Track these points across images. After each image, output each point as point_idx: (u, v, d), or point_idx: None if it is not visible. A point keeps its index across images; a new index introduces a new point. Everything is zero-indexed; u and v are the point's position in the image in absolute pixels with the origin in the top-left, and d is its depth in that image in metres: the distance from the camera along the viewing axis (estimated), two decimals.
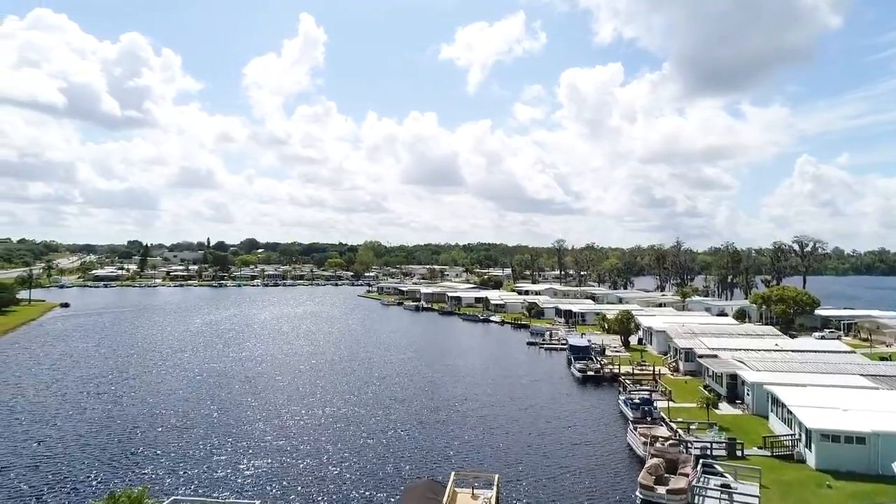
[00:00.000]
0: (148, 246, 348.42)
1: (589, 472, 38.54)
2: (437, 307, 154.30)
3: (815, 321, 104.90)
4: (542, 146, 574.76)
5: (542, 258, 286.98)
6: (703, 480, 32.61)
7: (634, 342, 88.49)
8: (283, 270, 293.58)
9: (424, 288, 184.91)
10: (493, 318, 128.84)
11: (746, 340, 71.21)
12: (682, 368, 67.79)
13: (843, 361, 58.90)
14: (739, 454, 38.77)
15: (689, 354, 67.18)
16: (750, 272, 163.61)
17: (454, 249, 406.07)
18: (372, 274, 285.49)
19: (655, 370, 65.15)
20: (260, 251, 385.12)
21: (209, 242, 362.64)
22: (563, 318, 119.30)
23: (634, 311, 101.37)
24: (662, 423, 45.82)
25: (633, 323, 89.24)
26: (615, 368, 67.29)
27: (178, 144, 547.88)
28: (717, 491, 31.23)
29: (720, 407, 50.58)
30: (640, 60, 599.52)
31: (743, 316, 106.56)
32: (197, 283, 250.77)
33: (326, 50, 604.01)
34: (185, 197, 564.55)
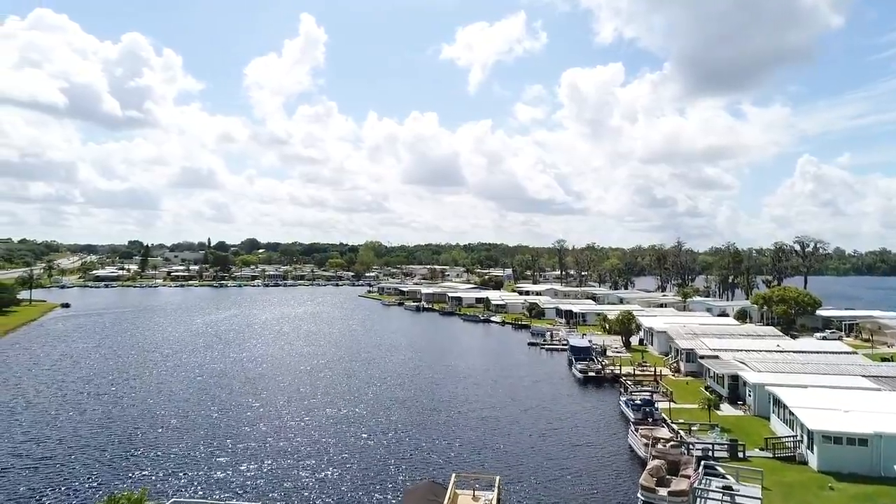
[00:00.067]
0: (149, 246, 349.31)
1: (590, 473, 38.46)
2: (437, 307, 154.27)
3: (816, 322, 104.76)
4: (542, 146, 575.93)
5: (542, 258, 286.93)
6: (704, 482, 32.46)
7: (635, 343, 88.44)
8: (283, 271, 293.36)
9: (425, 288, 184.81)
10: (493, 318, 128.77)
11: (748, 341, 71.11)
12: (683, 369, 67.68)
13: (844, 362, 58.80)
14: (741, 456, 38.72)
15: (690, 355, 67.08)
16: (751, 272, 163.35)
17: (455, 249, 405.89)
18: (373, 274, 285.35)
19: (656, 371, 64.98)
20: (261, 251, 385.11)
21: (210, 242, 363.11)
22: (563, 318, 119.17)
23: (635, 311, 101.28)
24: (664, 424, 45.69)
25: (634, 323, 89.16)
26: (616, 369, 67.21)
27: (179, 144, 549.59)
28: (718, 493, 31.07)
29: (721, 408, 50.46)
30: (640, 60, 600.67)
31: (744, 316, 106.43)
32: (198, 283, 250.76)
33: (327, 50, 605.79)
34: (185, 197, 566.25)
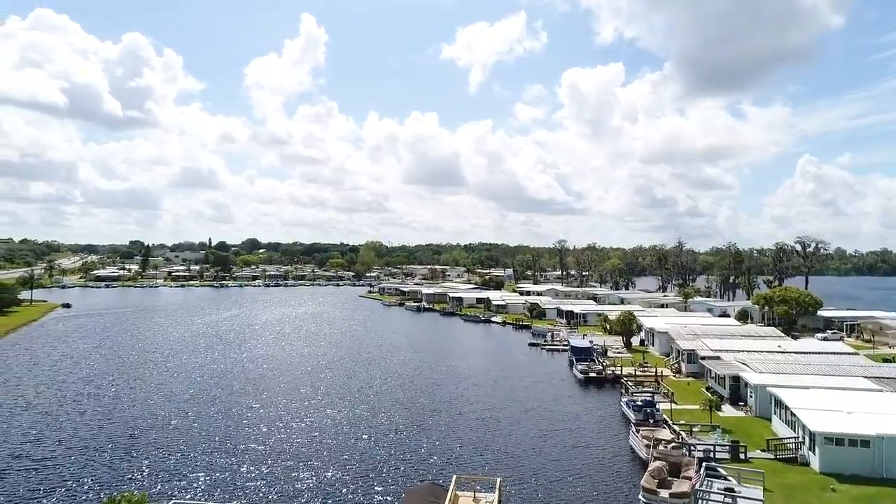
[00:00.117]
0: (149, 246, 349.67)
1: (591, 475, 38.34)
2: (438, 308, 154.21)
3: (817, 322, 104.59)
4: (543, 146, 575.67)
5: (543, 258, 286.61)
6: (706, 484, 32.33)
7: (636, 343, 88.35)
8: (284, 271, 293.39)
9: (426, 288, 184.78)
10: (494, 318, 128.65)
11: (749, 342, 70.97)
12: (684, 370, 67.54)
13: (846, 363, 58.67)
14: (743, 457, 38.62)
15: (691, 356, 66.96)
16: (752, 272, 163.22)
17: (455, 249, 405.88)
18: (373, 274, 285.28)
19: (657, 372, 64.91)
20: (261, 251, 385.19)
21: (211, 242, 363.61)
22: (564, 318, 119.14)
23: (636, 312, 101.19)
24: (665, 425, 45.54)
25: (634, 324, 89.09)
26: (617, 370, 67.10)
27: (179, 144, 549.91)
28: (720, 494, 30.96)
29: (723, 409, 50.24)
30: (641, 60, 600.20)
31: (745, 317, 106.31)
32: (198, 283, 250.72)
33: (327, 50, 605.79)
34: (186, 197, 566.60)
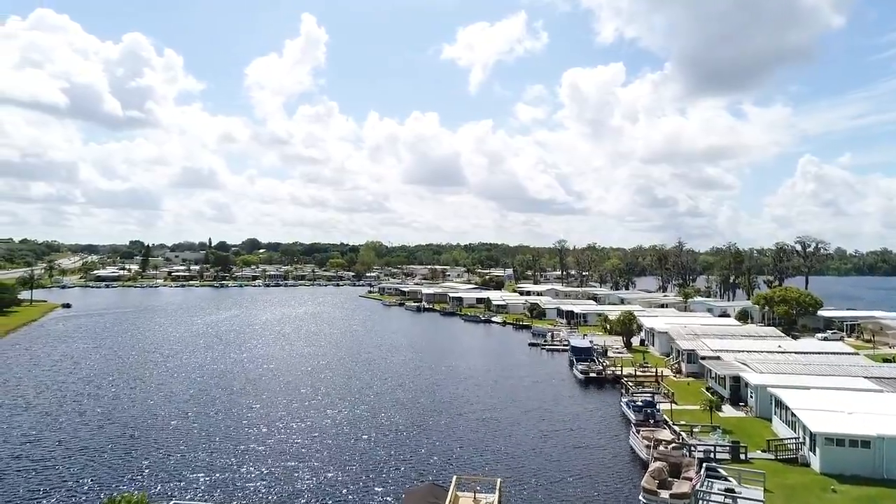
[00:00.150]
0: (150, 246, 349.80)
1: (591, 475, 38.30)
2: (438, 308, 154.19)
3: (817, 322, 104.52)
4: (543, 146, 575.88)
5: (543, 258, 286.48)
6: (706, 484, 32.30)
7: (636, 343, 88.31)
8: (284, 271, 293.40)
9: (426, 288, 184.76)
10: (494, 318, 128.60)
11: (749, 342, 70.94)
12: (684, 370, 67.50)
13: (846, 363, 58.63)
14: (743, 458, 38.58)
15: (691, 356, 66.92)
16: (752, 272, 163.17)
17: (456, 249, 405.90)
18: (373, 274, 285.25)
19: (658, 372, 64.89)
20: (261, 251, 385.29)
21: (211, 242, 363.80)
22: (564, 318, 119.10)
23: (636, 311, 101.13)
24: (665, 425, 45.53)
25: (635, 324, 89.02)
26: (617, 370, 67.06)
27: (180, 144, 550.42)
28: (720, 495, 30.94)
29: (723, 409, 50.21)
30: (641, 60, 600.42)
31: (745, 317, 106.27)
32: (198, 283, 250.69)
33: (328, 50, 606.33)
34: (186, 197, 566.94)
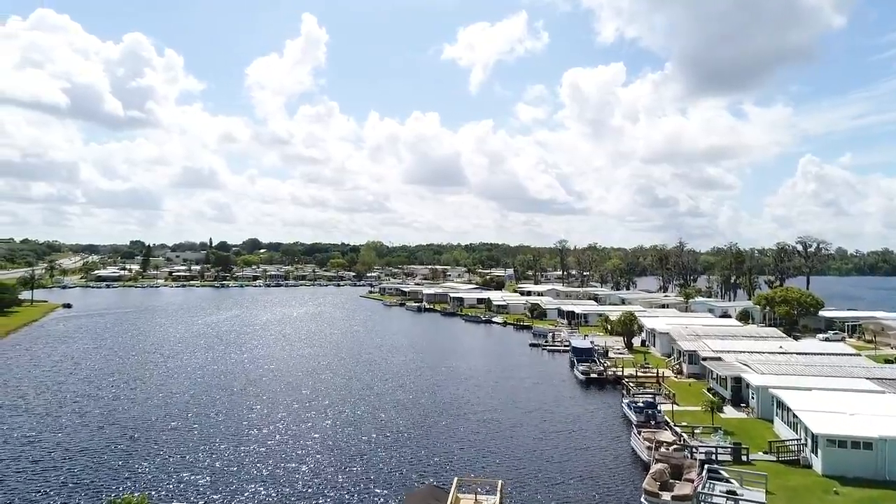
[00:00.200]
0: (150, 246, 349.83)
1: (592, 477, 38.19)
2: (439, 308, 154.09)
3: (819, 323, 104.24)
4: (544, 146, 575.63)
5: (544, 258, 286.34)
6: (708, 486, 32.22)
7: (637, 344, 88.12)
8: (285, 271, 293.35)
9: (426, 289, 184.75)
10: (495, 319, 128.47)
11: (750, 342, 70.82)
12: (685, 371, 67.36)
13: (848, 364, 58.48)
14: (745, 459, 38.46)
15: (692, 357, 66.78)
16: (753, 273, 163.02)
17: (456, 249, 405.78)
18: (374, 274, 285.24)
19: (659, 373, 64.77)
20: (262, 251, 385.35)
21: (211, 242, 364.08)
22: (565, 319, 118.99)
23: (637, 312, 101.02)
24: (666, 427, 45.41)
25: (636, 324, 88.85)
26: (618, 371, 66.92)
27: (180, 144, 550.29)
28: (722, 497, 30.87)
29: (725, 410, 50.08)
30: (642, 60, 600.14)
31: (746, 317, 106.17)
32: (199, 283, 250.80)
33: (328, 50, 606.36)
34: (187, 197, 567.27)
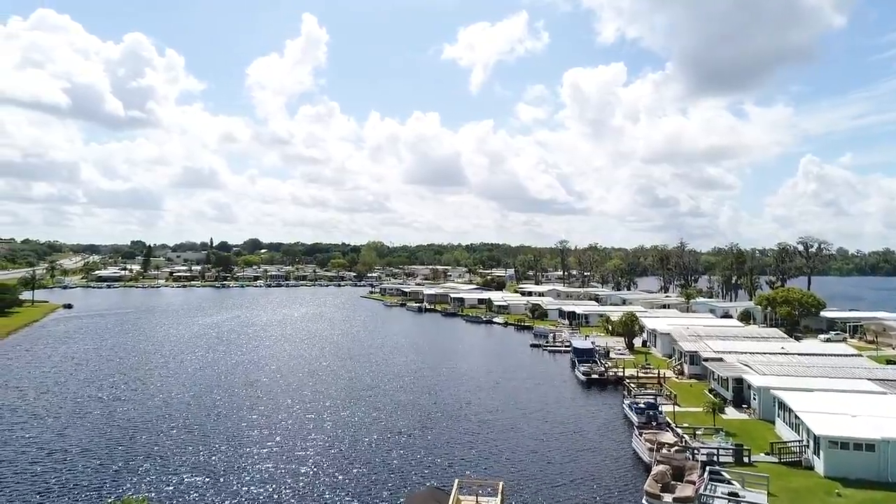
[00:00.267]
0: (151, 246, 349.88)
1: (594, 478, 38.08)
2: (439, 308, 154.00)
3: (820, 323, 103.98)
4: (544, 146, 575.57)
5: (545, 259, 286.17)
6: (709, 488, 32.14)
7: (639, 345, 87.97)
8: (285, 271, 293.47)
9: (427, 289, 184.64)
10: (496, 319, 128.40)
11: (752, 343, 70.67)
12: (686, 372, 67.24)
13: (850, 365, 58.34)
14: (746, 461, 38.35)
15: (693, 357, 66.65)
16: (754, 273, 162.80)
17: (457, 250, 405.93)
18: (375, 274, 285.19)
19: (660, 373, 64.66)
20: (263, 251, 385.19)
21: (212, 243, 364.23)
22: (566, 319, 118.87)
23: (638, 312, 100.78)
24: (668, 428, 45.26)
25: (637, 325, 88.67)
26: (619, 371, 66.83)
27: (181, 144, 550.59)
28: (724, 499, 30.79)
29: (726, 412, 49.99)
30: (642, 60, 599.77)
31: (748, 318, 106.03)
32: (200, 283, 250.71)
33: (329, 50, 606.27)
34: (188, 197, 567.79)
